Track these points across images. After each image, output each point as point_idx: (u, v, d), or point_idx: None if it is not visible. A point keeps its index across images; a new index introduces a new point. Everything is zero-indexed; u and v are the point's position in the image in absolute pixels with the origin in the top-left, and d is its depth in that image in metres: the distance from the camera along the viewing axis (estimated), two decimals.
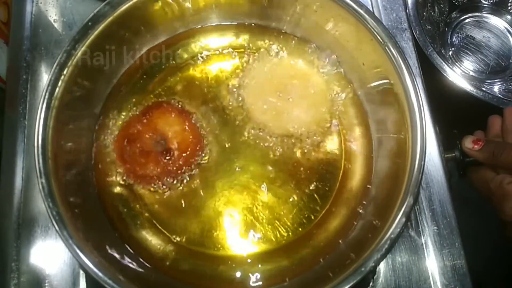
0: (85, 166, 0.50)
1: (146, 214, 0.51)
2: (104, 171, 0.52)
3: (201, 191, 0.52)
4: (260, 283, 0.48)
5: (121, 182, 0.51)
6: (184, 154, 0.50)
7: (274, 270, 0.49)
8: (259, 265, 0.49)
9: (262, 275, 0.48)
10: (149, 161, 0.49)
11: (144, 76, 0.56)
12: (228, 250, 0.50)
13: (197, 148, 0.51)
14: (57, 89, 0.45)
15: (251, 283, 0.48)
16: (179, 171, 0.50)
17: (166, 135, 0.50)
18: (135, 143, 0.50)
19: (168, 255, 0.49)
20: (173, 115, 0.51)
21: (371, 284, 0.52)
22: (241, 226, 0.51)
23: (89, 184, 0.50)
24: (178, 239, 0.50)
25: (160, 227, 0.50)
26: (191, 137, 0.51)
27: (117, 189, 0.51)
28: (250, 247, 0.50)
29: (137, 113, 0.53)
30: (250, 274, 0.48)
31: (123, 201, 0.51)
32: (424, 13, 0.71)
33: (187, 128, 0.51)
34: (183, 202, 0.51)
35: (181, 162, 0.50)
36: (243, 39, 0.58)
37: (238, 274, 0.49)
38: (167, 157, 0.49)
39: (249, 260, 0.49)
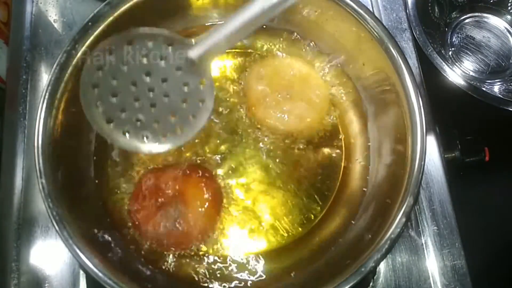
0: (85, 165, 0.50)
1: None
2: (104, 171, 0.52)
3: None
4: (259, 282, 0.48)
5: (122, 182, 0.51)
6: (196, 235, 0.48)
7: (274, 270, 0.49)
8: (259, 265, 0.49)
9: (261, 275, 0.48)
10: (159, 224, 0.47)
11: None
12: (228, 250, 0.50)
13: (210, 231, 0.49)
14: (57, 89, 0.45)
15: (251, 282, 0.48)
16: (186, 246, 0.48)
17: (186, 206, 0.48)
18: (154, 198, 0.48)
19: (169, 255, 0.49)
20: (202, 189, 0.49)
21: (371, 284, 0.52)
22: (241, 226, 0.51)
23: (89, 183, 0.50)
24: None
25: None
26: (207, 218, 0.49)
27: (117, 189, 0.51)
28: (250, 247, 0.50)
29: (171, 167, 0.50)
30: (250, 274, 0.48)
31: (123, 201, 0.51)
32: (424, 13, 0.71)
33: (207, 207, 0.48)
34: None
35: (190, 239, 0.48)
36: (245, 39, 0.58)
37: (239, 274, 0.49)
38: (178, 227, 0.47)
39: (249, 260, 0.49)
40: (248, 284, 0.48)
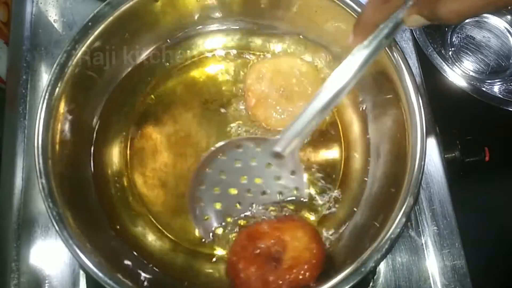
0: (85, 165, 0.50)
1: (146, 214, 0.51)
2: (103, 171, 0.52)
3: None
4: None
5: (121, 182, 0.51)
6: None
7: None
8: None
9: None
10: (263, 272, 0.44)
11: (145, 77, 0.56)
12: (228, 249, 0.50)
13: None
14: (57, 89, 0.45)
15: None
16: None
17: (286, 254, 0.45)
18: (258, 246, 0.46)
19: (168, 255, 0.49)
20: (309, 244, 0.46)
21: (371, 284, 0.52)
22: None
23: (89, 183, 0.50)
24: (178, 239, 0.50)
25: (160, 227, 0.50)
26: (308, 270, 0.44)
27: (118, 189, 0.51)
28: None
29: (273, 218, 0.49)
30: None
31: (123, 201, 0.51)
32: None
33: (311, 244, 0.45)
34: (183, 202, 0.51)
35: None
36: (244, 39, 0.58)
37: None
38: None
39: None
40: None
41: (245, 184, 0.48)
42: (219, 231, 0.49)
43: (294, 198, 0.49)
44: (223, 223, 0.49)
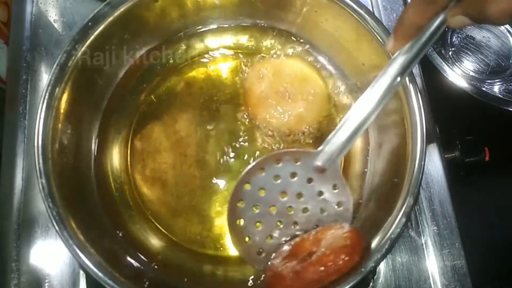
0: (85, 165, 0.50)
1: (147, 214, 0.51)
2: (104, 171, 0.52)
3: (202, 191, 0.52)
4: (258, 283, 0.48)
5: (121, 182, 0.51)
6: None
7: None
8: None
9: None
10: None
11: (145, 77, 0.56)
12: (228, 251, 0.50)
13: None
14: (57, 89, 0.45)
15: (249, 283, 0.48)
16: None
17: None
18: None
19: (169, 255, 0.49)
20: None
21: (371, 284, 0.52)
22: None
23: (89, 183, 0.50)
24: (179, 239, 0.50)
25: (160, 227, 0.50)
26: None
27: (118, 189, 0.51)
28: None
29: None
30: (249, 271, 0.48)
31: (124, 201, 0.51)
32: None
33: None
34: (183, 202, 0.51)
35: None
36: (245, 39, 0.58)
37: (237, 275, 0.49)
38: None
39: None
40: (245, 285, 0.48)
41: (286, 201, 0.45)
42: (260, 252, 0.46)
43: (338, 214, 0.46)
44: (264, 244, 0.45)
